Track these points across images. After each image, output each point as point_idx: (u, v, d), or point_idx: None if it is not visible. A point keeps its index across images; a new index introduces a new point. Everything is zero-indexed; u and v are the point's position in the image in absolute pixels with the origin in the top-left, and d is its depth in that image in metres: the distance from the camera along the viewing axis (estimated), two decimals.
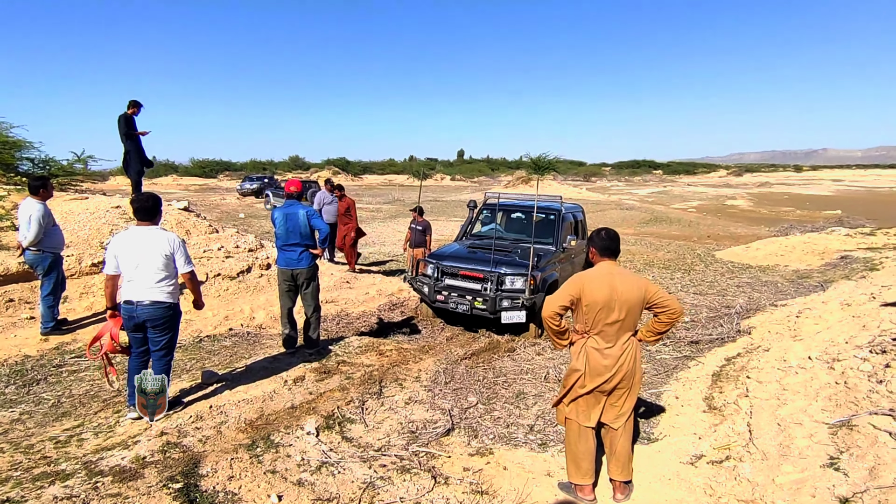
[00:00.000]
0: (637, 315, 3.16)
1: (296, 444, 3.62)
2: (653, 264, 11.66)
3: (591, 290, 3.14)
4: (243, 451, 3.43)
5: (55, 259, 5.54)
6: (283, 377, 4.63)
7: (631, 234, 17.33)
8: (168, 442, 3.43)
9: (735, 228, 19.62)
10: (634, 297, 3.12)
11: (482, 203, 8.20)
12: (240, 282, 7.50)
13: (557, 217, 7.55)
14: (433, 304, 6.71)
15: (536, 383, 5.05)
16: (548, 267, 6.70)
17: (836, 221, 20.89)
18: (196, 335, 5.95)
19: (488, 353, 5.82)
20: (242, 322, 6.44)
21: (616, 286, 3.13)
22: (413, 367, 5.32)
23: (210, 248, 8.04)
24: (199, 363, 5.12)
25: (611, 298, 3.11)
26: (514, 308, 6.05)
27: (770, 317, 6.83)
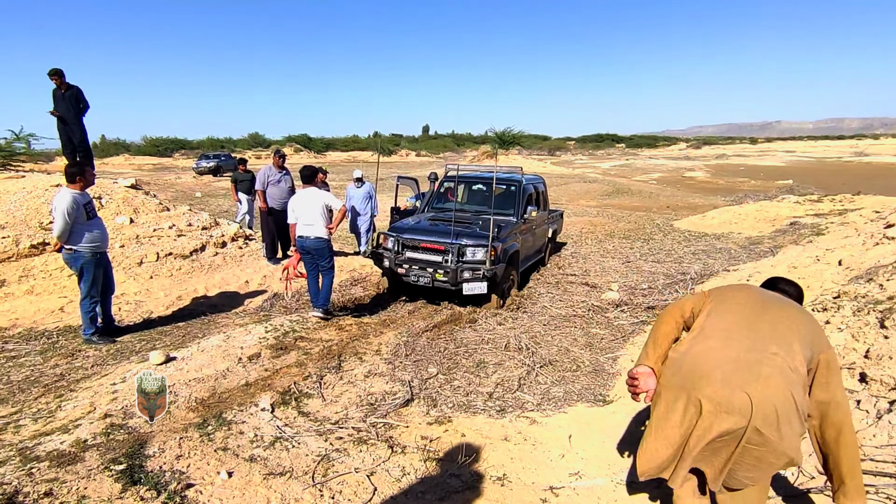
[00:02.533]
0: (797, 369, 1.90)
1: (249, 420, 3.53)
2: (613, 234, 11.88)
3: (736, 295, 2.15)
4: (193, 429, 3.33)
5: (91, 258, 4.84)
6: (238, 355, 4.51)
7: (594, 206, 17.59)
8: (112, 424, 3.29)
9: (693, 199, 20.16)
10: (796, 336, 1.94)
11: (443, 176, 8.10)
12: (193, 260, 7.24)
13: (518, 188, 7.53)
14: (394, 278, 6.65)
15: (497, 352, 5.09)
16: (508, 238, 6.70)
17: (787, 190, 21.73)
18: (146, 316, 5.74)
19: (450, 325, 5.82)
20: (196, 301, 6.26)
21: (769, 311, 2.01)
22: (374, 340, 5.28)
23: (160, 227, 7.71)
24: (148, 344, 4.94)
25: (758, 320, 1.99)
26: (476, 279, 6.04)
27: (722, 281, 7.06)
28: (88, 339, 4.96)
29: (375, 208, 8.97)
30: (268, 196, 7.69)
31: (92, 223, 4.90)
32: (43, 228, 6.87)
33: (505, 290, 6.66)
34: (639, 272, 8.33)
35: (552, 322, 6.03)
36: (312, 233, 5.50)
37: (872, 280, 4.65)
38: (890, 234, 6.24)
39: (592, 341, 5.50)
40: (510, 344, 5.24)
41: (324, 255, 5.59)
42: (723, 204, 17.30)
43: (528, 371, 4.66)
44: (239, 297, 6.53)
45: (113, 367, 4.33)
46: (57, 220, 4.67)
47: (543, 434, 3.62)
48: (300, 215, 5.55)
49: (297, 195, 5.68)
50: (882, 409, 2.87)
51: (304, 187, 5.66)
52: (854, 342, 3.67)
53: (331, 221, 5.60)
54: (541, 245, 8.58)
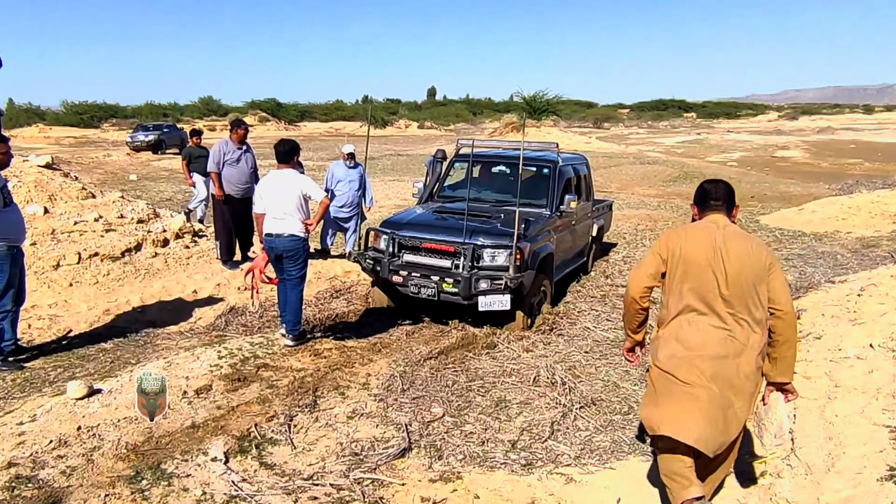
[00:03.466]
0: (752, 294, 2.96)
1: (196, 473, 3.56)
2: None
3: (684, 246, 3.07)
4: (122, 484, 3.36)
5: (7, 253, 4.89)
6: (182, 388, 4.55)
7: (653, 196, 17.54)
8: (18, 476, 3.33)
9: (786, 186, 20.03)
10: (749, 264, 2.96)
11: (453, 154, 8.12)
12: (126, 263, 7.32)
13: (552, 171, 7.53)
14: (389, 288, 6.66)
15: (523, 388, 5.08)
16: (540, 236, 6.70)
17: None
18: (64, 335, 5.80)
19: (461, 351, 5.84)
20: (129, 317, 6.31)
21: (721, 245, 3.00)
22: (360, 370, 5.31)
23: (84, 219, 7.80)
24: (66, 372, 5.00)
25: (713, 259, 2.99)
26: (495, 291, 6.04)
27: (825, 296, 6.99)
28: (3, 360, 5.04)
29: (371, 198, 9.00)
30: (224, 180, 7.74)
31: (8, 211, 4.95)
32: None
33: (534, 306, 6.65)
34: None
35: (597, 349, 6.01)
36: (284, 229, 5.48)
37: None
38: None
39: None
40: (540, 377, 5.24)
41: (296, 260, 5.58)
42: (827, 194, 17.16)
43: (563, 413, 4.65)
44: (185, 312, 6.57)
45: (20, 402, 4.37)
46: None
47: (584, 497, 3.60)
48: (270, 205, 5.56)
49: (268, 178, 5.72)
50: None
51: (277, 168, 5.69)
52: None
53: (309, 215, 5.63)
54: (582, 246, 8.56)
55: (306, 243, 5.68)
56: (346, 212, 8.67)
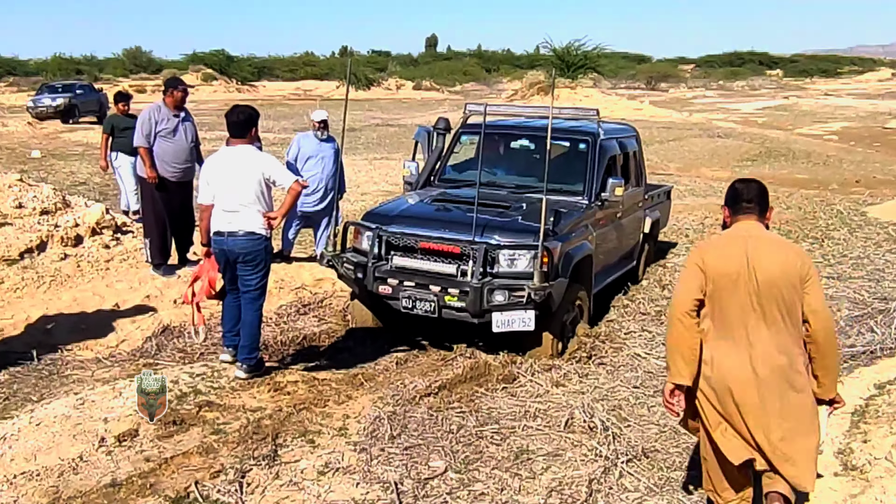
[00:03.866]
0: (786, 303, 3.43)
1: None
2: None
3: (715, 259, 3.55)
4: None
5: None
6: (100, 433, 4.55)
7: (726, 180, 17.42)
8: None
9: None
10: (780, 272, 3.42)
11: (459, 124, 8.12)
12: (25, 268, 7.34)
13: (591, 146, 7.52)
14: (373, 301, 6.66)
15: (551, 434, 5.06)
16: (574, 233, 6.69)
17: None
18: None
19: (469, 386, 5.83)
20: (30, 339, 6.31)
21: (760, 253, 3.46)
22: (335, 410, 5.30)
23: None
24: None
25: (744, 274, 3.45)
26: (515, 306, 6.03)
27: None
28: None
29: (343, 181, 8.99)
30: (157, 158, 7.74)
31: None
32: None
33: (567, 326, 6.66)
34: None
35: (650, 382, 6.02)
36: (240, 225, 5.47)
37: None
38: None
39: None
40: (575, 420, 5.23)
41: (254, 266, 5.57)
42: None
43: (605, 468, 4.63)
44: (103, 332, 6.58)
45: None
46: None
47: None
48: (220, 193, 5.55)
49: (217, 157, 5.72)
50: None
51: (230, 144, 5.69)
52: None
53: (272, 207, 5.64)
54: (631, 247, 8.57)
55: (268, 244, 5.68)
56: (316, 200, 8.65)
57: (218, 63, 58.49)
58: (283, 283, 7.99)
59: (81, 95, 30.40)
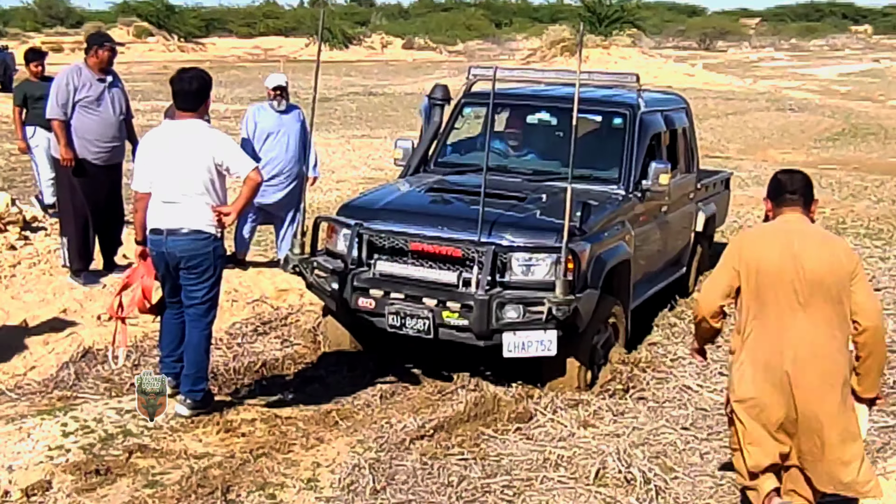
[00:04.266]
0: (833, 300, 4.01)
1: None
2: (844, 226, 11.84)
3: (757, 254, 4.13)
4: None
5: None
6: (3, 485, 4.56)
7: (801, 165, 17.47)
8: None
9: None
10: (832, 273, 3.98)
11: (461, 93, 8.13)
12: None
13: (629, 121, 7.54)
14: (351, 318, 6.66)
15: (577, 488, 5.06)
16: (607, 232, 6.71)
17: None
18: None
19: (473, 426, 5.83)
20: None
21: (799, 251, 4.00)
22: (303, 457, 5.28)
23: None
24: None
25: (790, 269, 4.00)
26: (532, 324, 6.04)
27: None
28: None
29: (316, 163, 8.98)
30: (76, 134, 7.72)
31: None
32: None
33: (598, 350, 6.68)
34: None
35: (702, 422, 6.05)
36: (183, 221, 5.47)
37: None
38: None
39: None
40: (608, 470, 5.22)
41: (201, 273, 5.57)
42: None
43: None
44: (8, 356, 6.58)
45: None
46: None
47: None
48: (160, 180, 5.54)
49: (156, 134, 5.72)
50: None
51: (175, 117, 5.72)
52: None
53: (225, 199, 5.64)
54: (679, 249, 8.59)
55: (219, 245, 5.68)
56: (276, 188, 8.64)
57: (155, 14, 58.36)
58: (238, 294, 7.99)
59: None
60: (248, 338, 7.29)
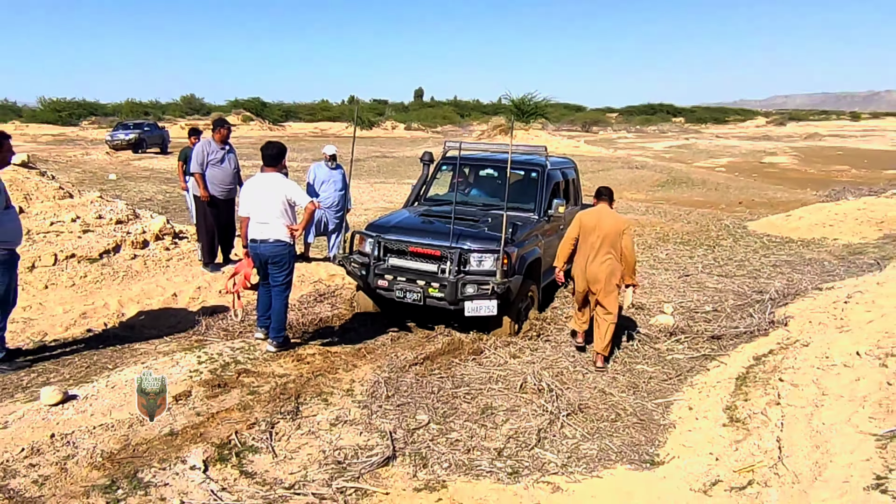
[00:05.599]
0: (612, 241, 5.70)
1: (174, 482, 3.53)
2: (667, 239, 11.89)
3: (588, 219, 5.84)
4: (97, 494, 3.32)
5: (6, 259, 4.90)
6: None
7: (642, 201, 17.63)
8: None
9: (774, 193, 20.22)
10: (614, 228, 5.71)
11: (440, 157, 8.12)
12: (104, 265, 7.23)
13: (540, 175, 7.55)
14: (373, 293, 6.64)
15: (510, 395, 5.08)
16: (527, 241, 6.71)
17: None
18: (39, 339, 5.72)
19: (447, 357, 5.83)
20: (107, 321, 6.25)
21: (604, 218, 5.79)
22: (344, 376, 5.28)
23: (60, 220, 7.70)
24: (40, 377, 4.93)
25: (599, 225, 5.73)
26: (482, 296, 6.03)
27: (812, 303, 7.06)
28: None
29: (349, 200, 8.97)
30: (207, 180, 7.66)
31: (9, 213, 4.93)
32: None
33: (522, 312, 6.66)
34: (701, 289, 8.35)
35: (584, 356, 6.04)
36: (269, 234, 5.48)
37: None
38: None
39: (638, 381, 5.51)
40: (527, 384, 5.25)
41: (281, 266, 5.57)
42: (814, 200, 17.35)
43: (550, 420, 4.66)
44: (164, 316, 6.52)
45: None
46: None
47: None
48: (254, 210, 5.54)
49: (252, 181, 5.69)
50: None
51: (263, 171, 5.67)
52: None
53: (295, 220, 5.61)
54: None
55: (292, 249, 5.64)
56: (329, 214, 8.63)
57: (254, 107, 58.02)
58: (304, 277, 7.95)
59: (148, 132, 30.07)
60: (310, 304, 7.27)
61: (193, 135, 10.19)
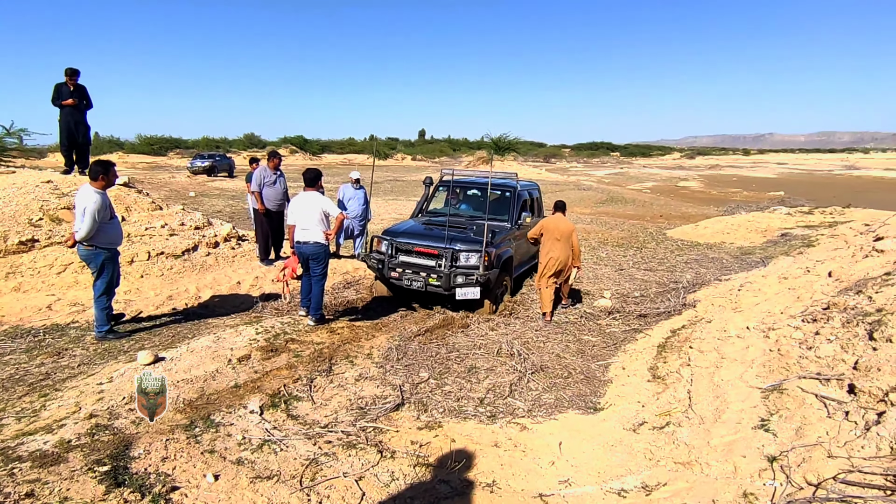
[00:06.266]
0: (566, 239, 6.26)
1: (238, 423, 3.50)
2: (607, 242, 11.90)
3: (549, 224, 6.35)
4: (180, 431, 3.29)
5: (110, 255, 4.90)
6: (228, 356, 4.47)
7: (588, 214, 17.61)
8: (97, 425, 3.24)
9: (686, 208, 20.26)
10: (566, 230, 6.30)
11: (438, 180, 8.09)
12: (185, 260, 7.18)
13: (513, 194, 7.53)
14: (387, 282, 6.62)
15: (489, 358, 5.07)
16: (503, 244, 6.68)
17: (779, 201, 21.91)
18: (136, 315, 5.67)
19: (442, 330, 5.80)
20: (187, 302, 6.19)
21: (559, 223, 6.32)
22: (365, 344, 5.25)
23: (153, 226, 7.64)
24: (137, 344, 4.88)
25: (556, 228, 6.27)
26: (469, 284, 6.02)
27: (714, 291, 7.09)
28: (103, 335, 4.93)
29: (370, 212, 8.94)
30: (263, 197, 7.62)
31: (113, 222, 4.92)
32: (32, 225, 6.79)
33: (498, 296, 6.64)
34: (631, 280, 8.35)
35: (544, 329, 6.02)
36: (310, 237, 5.47)
37: (862, 292, 4.68)
38: (879, 246, 6.29)
39: (584, 348, 5.50)
40: (502, 350, 5.23)
41: (319, 261, 5.54)
42: (715, 214, 17.41)
43: (519, 377, 4.65)
44: (230, 298, 6.47)
45: (100, 367, 4.27)
46: (86, 221, 4.63)
47: (534, 441, 3.61)
48: (298, 219, 5.52)
49: (297, 198, 5.64)
50: (870, 421, 2.89)
51: (305, 190, 5.63)
52: (843, 353, 3.69)
53: (329, 227, 5.57)
54: (535, 251, 8.56)
55: (328, 248, 5.61)
56: (354, 222, 8.60)
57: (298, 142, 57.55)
58: (336, 270, 7.89)
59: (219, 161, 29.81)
60: (340, 290, 7.21)
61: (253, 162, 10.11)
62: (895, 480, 2.38)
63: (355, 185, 8.60)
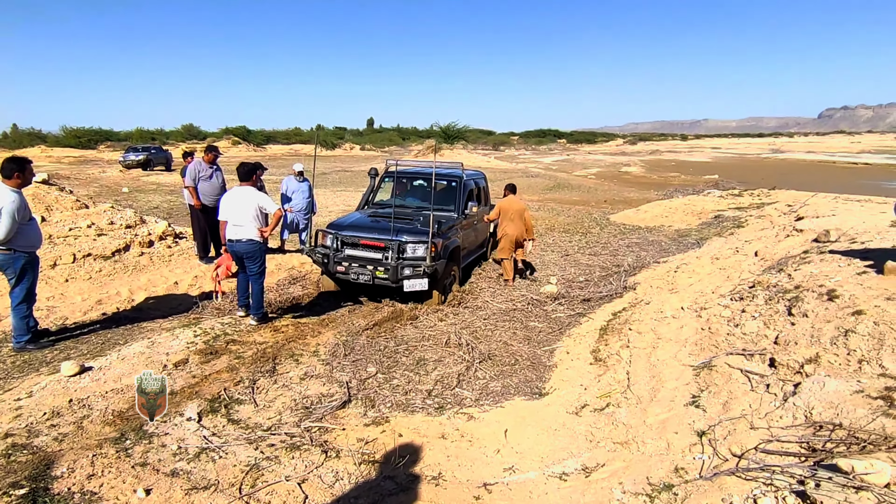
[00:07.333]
0: (520, 217, 7.21)
1: (173, 432, 3.34)
2: (553, 228, 12.14)
3: (504, 205, 7.25)
4: (109, 445, 3.10)
5: (30, 259, 4.52)
6: (163, 362, 4.26)
7: (535, 201, 17.89)
8: (13, 444, 3.01)
9: (628, 193, 20.96)
10: (519, 209, 7.22)
11: (384, 171, 7.98)
12: (116, 262, 6.77)
13: (458, 184, 7.52)
14: (334, 276, 6.48)
15: (437, 349, 5.06)
16: (450, 233, 6.68)
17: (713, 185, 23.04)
18: (61, 323, 5.30)
19: (390, 323, 5.74)
20: (119, 306, 5.85)
21: (512, 203, 7.22)
22: (311, 341, 5.13)
23: (77, 226, 7.15)
24: (61, 353, 4.57)
25: (510, 208, 7.18)
26: (416, 276, 5.98)
27: (653, 273, 7.37)
28: (22, 346, 4.59)
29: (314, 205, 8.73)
30: (199, 192, 7.27)
31: (31, 223, 4.57)
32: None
33: (446, 286, 6.64)
34: (576, 265, 8.55)
35: (493, 317, 6.07)
36: (243, 235, 5.27)
37: (782, 270, 4.99)
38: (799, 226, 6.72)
39: (531, 335, 5.58)
40: (451, 340, 5.22)
41: (255, 259, 5.35)
42: (655, 198, 18.08)
43: (467, 367, 4.66)
44: (167, 300, 6.17)
45: (18, 381, 3.96)
46: (3, 222, 4.27)
47: (480, 430, 3.63)
48: (230, 215, 5.30)
49: (229, 193, 5.41)
50: (788, 392, 3.08)
51: (240, 185, 5.40)
52: (766, 329, 3.92)
53: (265, 224, 5.37)
54: (482, 240, 8.62)
55: (263, 245, 5.41)
56: (299, 216, 8.37)
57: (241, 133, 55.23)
58: (281, 265, 7.68)
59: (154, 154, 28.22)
60: (285, 286, 7.00)
61: (187, 156, 9.65)
62: (808, 447, 2.55)
63: (299, 178, 8.36)
